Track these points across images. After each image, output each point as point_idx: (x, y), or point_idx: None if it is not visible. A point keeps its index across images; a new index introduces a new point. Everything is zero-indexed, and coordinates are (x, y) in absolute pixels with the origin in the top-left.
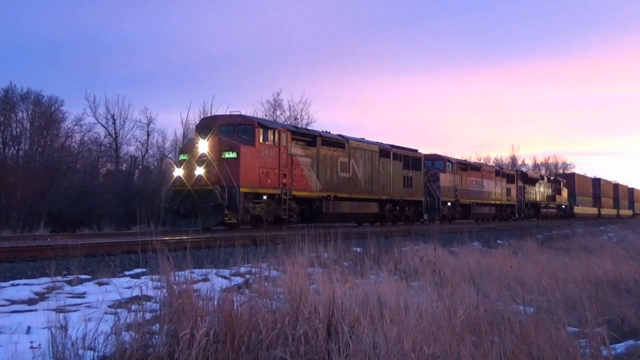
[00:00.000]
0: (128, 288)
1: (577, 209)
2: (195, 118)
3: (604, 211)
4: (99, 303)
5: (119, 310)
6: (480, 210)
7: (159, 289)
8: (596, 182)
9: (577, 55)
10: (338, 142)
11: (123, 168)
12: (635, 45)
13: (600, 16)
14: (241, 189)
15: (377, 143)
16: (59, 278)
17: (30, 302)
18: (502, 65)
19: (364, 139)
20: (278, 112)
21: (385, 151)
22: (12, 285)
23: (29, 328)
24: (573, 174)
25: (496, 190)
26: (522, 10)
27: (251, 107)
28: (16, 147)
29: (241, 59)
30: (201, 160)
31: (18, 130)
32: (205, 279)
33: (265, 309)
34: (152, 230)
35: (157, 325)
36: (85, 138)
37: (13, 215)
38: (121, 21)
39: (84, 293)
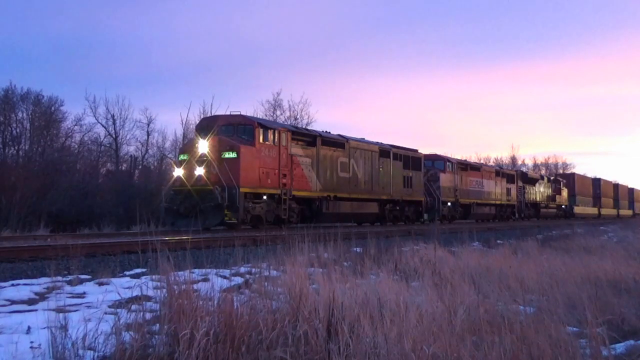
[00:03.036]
0: (128, 288)
1: (577, 209)
2: (195, 118)
3: (604, 211)
4: (99, 303)
5: (119, 310)
6: (480, 210)
7: (159, 289)
8: (596, 182)
9: (576, 55)
10: (338, 142)
11: (123, 168)
12: (635, 45)
13: (600, 16)
14: (241, 189)
15: (377, 143)
16: (59, 278)
17: (30, 302)
18: (502, 65)
19: (364, 139)
20: (278, 112)
21: (385, 151)
22: (12, 285)
23: (29, 328)
24: (573, 174)
25: (496, 190)
26: (522, 10)
27: (251, 107)
28: (16, 147)
29: (241, 59)
30: (201, 160)
31: (18, 130)
32: (205, 279)
33: (265, 309)
34: (152, 230)
35: (157, 325)
36: (85, 138)
37: (13, 215)
38: (121, 21)
39: (84, 293)
